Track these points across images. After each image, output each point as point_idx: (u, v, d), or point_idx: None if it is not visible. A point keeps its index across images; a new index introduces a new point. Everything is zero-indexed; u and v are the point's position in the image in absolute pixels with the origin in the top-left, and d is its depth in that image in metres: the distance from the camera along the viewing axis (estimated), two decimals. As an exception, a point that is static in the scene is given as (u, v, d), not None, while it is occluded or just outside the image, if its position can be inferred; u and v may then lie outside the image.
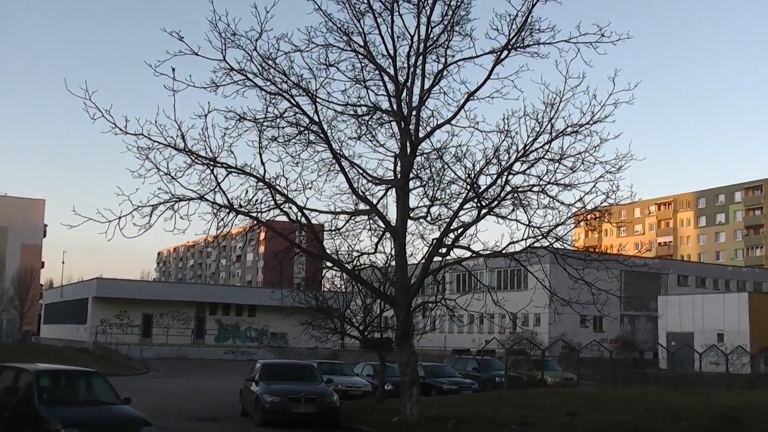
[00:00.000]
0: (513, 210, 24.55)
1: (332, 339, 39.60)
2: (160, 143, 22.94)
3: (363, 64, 25.08)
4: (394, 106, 25.05)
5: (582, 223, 27.04)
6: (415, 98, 25.08)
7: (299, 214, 24.93)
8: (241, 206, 24.00)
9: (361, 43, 24.62)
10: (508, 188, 24.32)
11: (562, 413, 26.50)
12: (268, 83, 23.90)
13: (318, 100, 24.47)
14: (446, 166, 25.34)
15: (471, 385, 40.81)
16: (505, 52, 23.85)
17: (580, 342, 61.73)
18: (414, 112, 25.08)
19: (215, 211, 23.74)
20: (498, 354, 51.13)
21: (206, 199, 23.63)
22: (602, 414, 26.69)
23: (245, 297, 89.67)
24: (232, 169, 23.90)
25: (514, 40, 23.59)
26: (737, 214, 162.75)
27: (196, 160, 23.42)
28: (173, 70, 22.43)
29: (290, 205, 24.63)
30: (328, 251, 26.75)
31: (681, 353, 60.60)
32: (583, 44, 22.76)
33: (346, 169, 25.20)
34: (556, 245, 24.78)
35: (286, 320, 63.87)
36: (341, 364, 42.73)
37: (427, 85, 25.01)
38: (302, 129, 24.71)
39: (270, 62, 23.66)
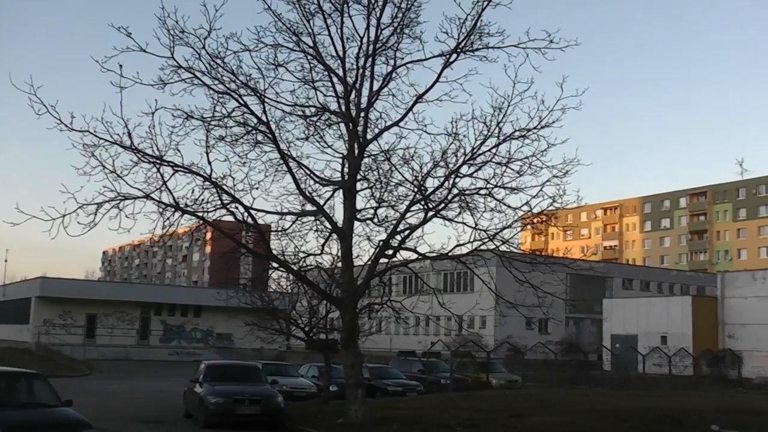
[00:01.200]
0: (460, 213, 24.62)
1: (278, 340, 39.44)
2: (106, 140, 22.70)
3: (312, 65, 25.04)
4: (343, 108, 25.01)
5: (528, 227, 27.18)
6: (364, 100, 25.05)
7: (246, 214, 24.80)
8: (187, 205, 23.82)
9: (311, 44, 24.56)
10: (455, 191, 24.37)
11: (507, 415, 26.66)
12: (216, 82, 23.76)
13: (266, 100, 24.37)
14: (394, 168, 25.36)
15: (416, 387, 40.88)
16: (454, 56, 23.91)
17: (525, 344, 62.14)
18: (362, 114, 25.05)
19: (161, 210, 23.52)
20: (444, 356, 51.23)
21: (152, 198, 23.40)
22: (547, 415, 26.90)
23: (191, 297, 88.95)
24: (179, 168, 23.70)
25: (463, 44, 23.65)
26: (682, 220, 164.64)
27: (142, 158, 23.20)
28: (120, 66, 22.26)
29: (237, 205, 24.49)
30: (275, 252, 26.64)
31: (625, 355, 61.42)
32: (532, 49, 22.86)
33: (294, 170, 25.11)
34: (503, 248, 24.86)
35: (231, 321, 63.41)
36: (286, 365, 42.50)
37: (375, 87, 25.01)
38: (250, 129, 24.59)
39: (218, 61, 23.52)
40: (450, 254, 25.03)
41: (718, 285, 74.01)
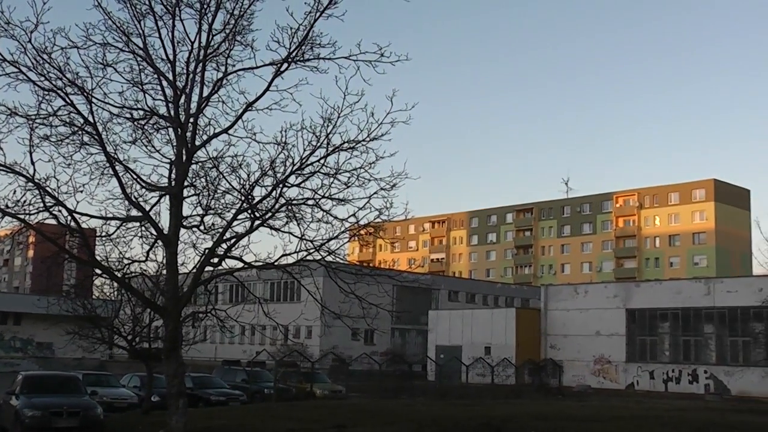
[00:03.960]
0: (287, 222, 24.53)
1: (100, 349, 38.63)
2: None
3: (141, 67, 24.50)
4: (172, 112, 24.59)
5: (356, 238, 27.35)
6: (194, 105, 24.68)
7: (69, 218, 24.12)
8: (8, 207, 23.00)
9: (141, 45, 24.05)
10: (282, 201, 24.28)
11: (329, 425, 26.76)
12: (42, 78, 22.95)
13: (93, 100, 23.69)
14: (222, 176, 25.09)
15: (239, 397, 40.69)
16: (285, 65, 23.82)
17: (350, 355, 62.62)
18: (191, 120, 24.70)
19: (-20, 211, 22.68)
20: (268, 366, 51.10)
21: (-30, 198, 22.56)
22: (369, 426, 27.09)
23: (10, 304, 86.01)
24: (0, 168, 22.92)
25: (294, 54, 23.58)
26: (508, 234, 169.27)
27: (-39, 156, 22.37)
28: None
29: (60, 208, 23.77)
30: (99, 258, 26.01)
31: (449, 366, 62.56)
32: (363, 62, 22.96)
33: (120, 174, 24.50)
34: (329, 259, 24.94)
35: (52, 329, 61.75)
36: (108, 375, 41.57)
37: (205, 93, 24.65)
38: (76, 129, 23.89)
39: (45, 56, 22.74)
40: (276, 264, 24.94)
41: (541, 298, 76.16)
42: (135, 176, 24.90)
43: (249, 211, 24.46)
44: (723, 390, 60.96)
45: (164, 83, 24.51)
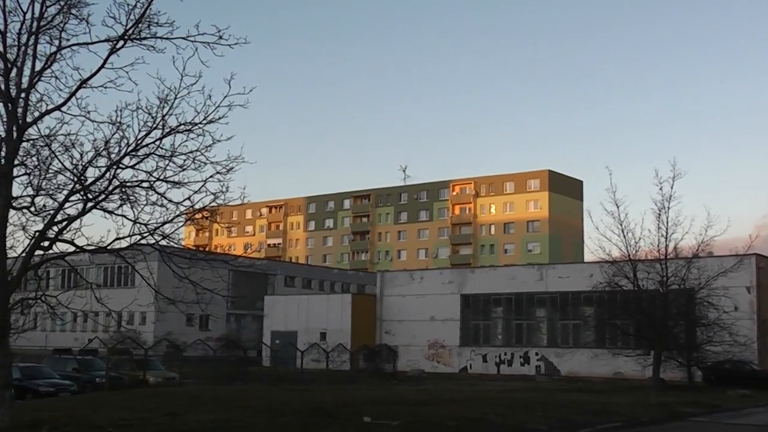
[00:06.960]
0: (120, 205, 23.87)
1: None
2: None
3: (-30, 38, 23.49)
4: (2, 86, 23.58)
5: (191, 222, 26.92)
6: (25, 80, 23.75)
7: None
8: None
9: (-30, 15, 23.04)
10: (116, 182, 23.63)
11: (162, 414, 26.31)
12: None
13: None
14: (54, 155, 24.25)
15: (70, 387, 39.69)
16: (122, 42, 23.18)
17: (185, 341, 61.90)
18: (23, 95, 23.77)
19: None
20: (101, 354, 49.99)
21: None
22: (202, 413, 26.77)
23: None
24: None
25: (131, 31, 22.99)
26: (345, 221, 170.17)
27: None
28: None
29: None
30: None
31: (284, 351, 62.79)
32: (201, 44, 22.58)
33: (-54, 150, 23.48)
34: (164, 243, 24.44)
35: None
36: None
37: (38, 67, 23.71)
38: None
39: None
40: (109, 248, 24.29)
41: (377, 284, 77.05)
42: (-36, 154, 23.88)
43: (82, 193, 23.71)
44: (553, 371, 63.25)
45: (-6, 55, 23.52)
